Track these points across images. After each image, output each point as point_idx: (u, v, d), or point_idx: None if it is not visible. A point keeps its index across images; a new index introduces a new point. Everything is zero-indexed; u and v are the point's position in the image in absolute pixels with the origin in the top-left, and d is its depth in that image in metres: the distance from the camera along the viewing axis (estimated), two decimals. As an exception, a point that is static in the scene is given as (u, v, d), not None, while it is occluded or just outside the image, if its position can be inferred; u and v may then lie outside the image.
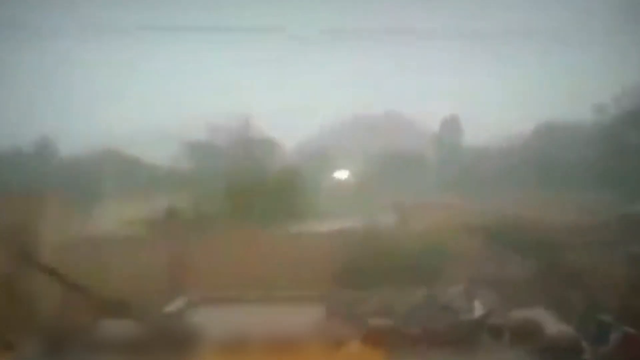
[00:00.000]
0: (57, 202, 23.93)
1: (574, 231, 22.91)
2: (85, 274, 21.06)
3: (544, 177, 25.82)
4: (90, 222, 24.96)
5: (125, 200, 25.87)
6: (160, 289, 21.40)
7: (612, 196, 24.63)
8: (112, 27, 25.25)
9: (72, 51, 26.13)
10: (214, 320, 20.40)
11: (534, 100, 27.03)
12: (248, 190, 26.24)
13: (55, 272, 20.62)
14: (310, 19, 26.60)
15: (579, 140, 28.35)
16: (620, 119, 29.00)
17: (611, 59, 27.28)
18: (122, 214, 25.27)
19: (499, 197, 24.95)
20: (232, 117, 28.01)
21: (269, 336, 19.05)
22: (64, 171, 27.57)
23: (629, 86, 29.46)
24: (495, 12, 26.55)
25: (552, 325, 19.28)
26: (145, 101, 27.56)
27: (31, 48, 25.33)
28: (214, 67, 27.81)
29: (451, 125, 29.14)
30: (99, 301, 19.98)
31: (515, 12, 27.17)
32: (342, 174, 27.45)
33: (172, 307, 20.92)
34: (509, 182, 25.76)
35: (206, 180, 26.90)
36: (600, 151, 27.27)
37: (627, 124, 28.70)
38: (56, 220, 23.16)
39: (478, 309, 20.53)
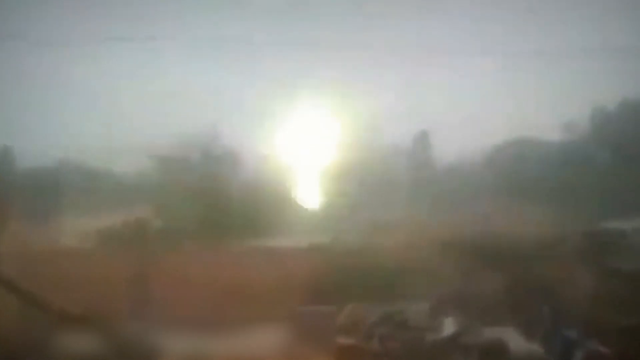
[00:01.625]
0: (17, 212, 23.41)
1: (542, 247, 22.90)
2: (45, 287, 20.54)
3: (513, 193, 25.83)
4: (52, 233, 24.41)
5: (88, 212, 25.36)
6: (122, 304, 20.91)
7: (579, 212, 24.70)
8: (78, 37, 24.92)
9: (35, 60, 25.74)
10: (177, 338, 20.00)
11: (504, 116, 27.14)
12: (216, 204, 25.88)
13: (12, 284, 20.08)
14: (282, 31, 26.49)
15: (548, 157, 28.47)
16: (590, 137, 29.23)
17: (583, 78, 27.51)
18: (85, 226, 24.78)
19: (468, 213, 24.88)
20: (200, 131, 27.72)
21: (232, 355, 18.70)
22: (26, 182, 27.01)
23: (599, 105, 29.78)
24: (467, 30, 26.70)
25: (520, 344, 19.23)
26: (111, 113, 27.19)
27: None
28: (181, 79, 27.56)
29: (421, 141, 29.14)
30: (58, 315, 19.48)
31: (487, 31, 27.32)
32: (312, 190, 27.23)
33: (132, 322, 20.45)
34: (478, 197, 25.73)
35: (172, 194, 26.48)
36: (569, 168, 27.40)
37: (596, 142, 28.91)
38: (16, 231, 22.62)
39: (447, 327, 20.41)
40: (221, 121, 26.94)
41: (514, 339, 19.13)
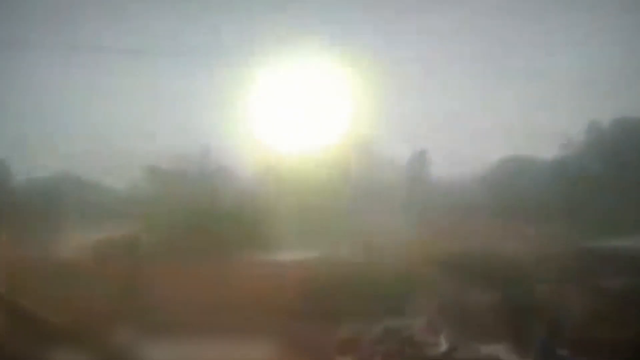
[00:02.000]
0: (10, 226, 23.33)
1: (536, 264, 22.84)
2: (36, 300, 20.44)
3: (508, 211, 25.80)
4: (47, 246, 24.32)
5: (82, 225, 25.27)
6: (113, 316, 20.81)
7: (574, 230, 24.66)
8: (76, 47, 24.91)
9: (30, 72, 25.72)
10: (167, 352, 19.86)
11: (501, 133, 27.13)
12: (208, 218, 25.79)
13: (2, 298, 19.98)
14: (276, 48, 26.49)
15: (543, 174, 28.44)
16: (586, 153, 29.20)
17: (578, 94, 27.50)
18: (80, 239, 24.67)
19: (463, 230, 24.83)
20: (193, 145, 27.69)
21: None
22: (20, 195, 26.92)
23: (594, 121, 29.76)
24: (465, 45, 26.75)
25: (513, 360, 19.16)
26: (106, 125, 27.17)
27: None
28: (177, 94, 27.56)
29: (419, 158, 29.09)
30: (47, 329, 19.36)
31: (485, 46, 27.34)
32: (308, 204, 27.11)
33: (122, 336, 20.34)
34: (474, 215, 25.69)
35: (165, 207, 26.39)
36: (564, 185, 27.37)
37: (592, 159, 28.88)
38: (10, 243, 22.53)
39: (442, 344, 20.33)
40: (215, 136, 26.93)
41: (507, 357, 19.06)
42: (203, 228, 25.14)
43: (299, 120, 27.17)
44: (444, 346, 19.91)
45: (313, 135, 27.14)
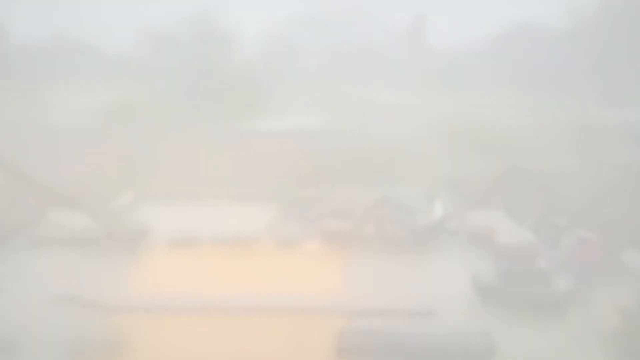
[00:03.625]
0: (6, 89, 23.04)
1: (536, 134, 22.58)
2: (34, 165, 20.45)
3: (511, 80, 25.23)
4: (42, 111, 24.07)
5: (80, 89, 24.90)
6: (111, 182, 20.90)
7: (578, 102, 24.20)
8: None
9: None
10: (165, 216, 20.09)
11: (506, 1, 26.07)
12: (208, 84, 25.36)
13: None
14: None
15: (551, 44, 27.61)
16: (597, 24, 28.16)
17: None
18: (76, 104, 24.39)
19: (463, 98, 24.40)
20: (195, 9, 26.78)
21: (221, 234, 18.81)
22: (15, 57, 26.33)
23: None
24: None
25: (508, 229, 19.29)
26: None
27: None
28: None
29: (418, 24, 28.15)
30: (48, 193, 19.45)
31: None
32: (305, 70, 26.56)
33: (122, 201, 20.52)
34: (474, 83, 25.14)
35: (165, 72, 25.89)
36: (573, 56, 26.59)
37: (601, 30, 27.90)
38: (4, 109, 22.32)
39: (436, 211, 20.45)
40: (218, 1, 25.96)
41: (504, 224, 19.19)
42: (203, 95, 24.80)
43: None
44: (438, 213, 20.03)
45: (312, 3, 26.19)
